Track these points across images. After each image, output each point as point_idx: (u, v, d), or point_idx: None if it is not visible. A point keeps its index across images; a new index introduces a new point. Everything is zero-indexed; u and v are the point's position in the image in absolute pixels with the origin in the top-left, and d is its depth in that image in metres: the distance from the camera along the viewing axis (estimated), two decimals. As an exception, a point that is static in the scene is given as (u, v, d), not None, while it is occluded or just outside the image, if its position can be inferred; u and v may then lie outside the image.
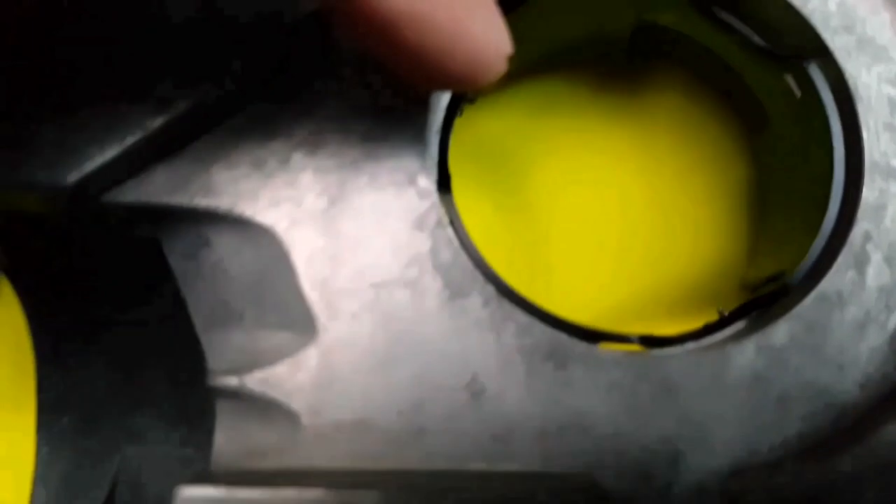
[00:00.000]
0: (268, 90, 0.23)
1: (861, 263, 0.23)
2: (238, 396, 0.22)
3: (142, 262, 0.24)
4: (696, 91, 0.30)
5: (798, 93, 0.25)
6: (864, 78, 0.24)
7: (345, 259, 0.23)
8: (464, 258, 0.23)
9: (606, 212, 0.31)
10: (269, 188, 0.23)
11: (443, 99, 0.25)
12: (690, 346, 0.23)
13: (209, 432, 0.22)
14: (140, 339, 0.25)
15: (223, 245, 0.23)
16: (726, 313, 0.29)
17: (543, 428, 0.22)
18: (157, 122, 0.22)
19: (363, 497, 0.19)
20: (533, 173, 0.31)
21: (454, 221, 0.24)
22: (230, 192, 0.23)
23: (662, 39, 0.28)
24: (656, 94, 0.30)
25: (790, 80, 0.25)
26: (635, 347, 0.23)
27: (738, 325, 0.24)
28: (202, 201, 0.23)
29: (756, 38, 0.26)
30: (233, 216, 0.23)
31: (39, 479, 0.24)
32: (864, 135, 0.23)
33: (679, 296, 0.30)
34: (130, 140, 0.22)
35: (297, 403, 0.22)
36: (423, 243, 0.23)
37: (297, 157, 0.23)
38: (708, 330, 0.24)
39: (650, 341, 0.24)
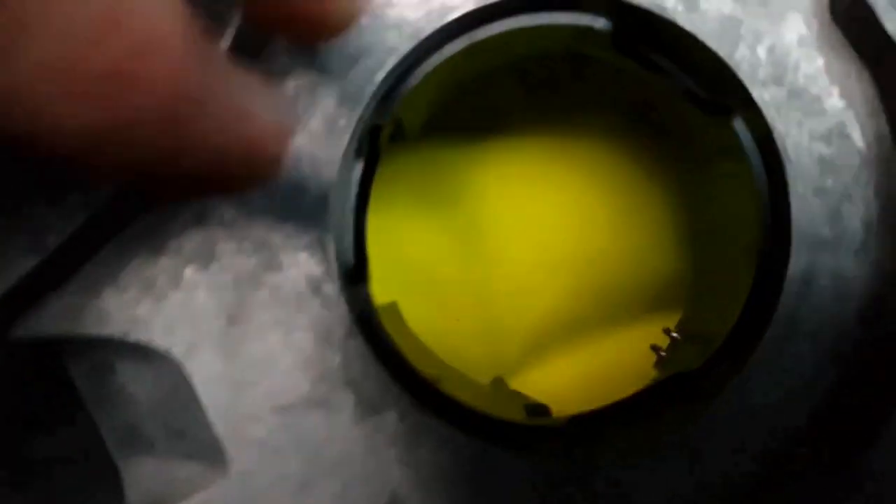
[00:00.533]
0: (148, 201, 0.22)
1: (783, 344, 0.22)
2: (155, 535, 0.22)
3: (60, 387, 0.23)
4: (637, 118, 0.28)
5: (733, 142, 0.23)
6: (794, 136, 0.22)
7: (248, 382, 0.22)
8: (377, 369, 0.22)
9: (549, 230, 0.30)
10: (162, 311, 0.22)
11: (353, 175, 0.23)
12: (616, 425, 0.23)
13: None
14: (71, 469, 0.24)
15: (125, 370, 0.22)
16: (674, 332, 0.28)
17: (465, 550, 0.22)
18: (29, 262, 0.20)
19: None
20: (477, 195, 0.30)
21: (370, 317, 0.23)
22: (121, 319, 0.22)
23: (596, 67, 0.26)
24: (598, 122, 0.29)
25: (725, 131, 0.23)
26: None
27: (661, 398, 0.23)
28: (95, 330, 0.22)
29: (689, 82, 0.24)
30: (128, 343, 0.22)
31: None
32: (792, 201, 0.22)
33: (624, 312, 0.30)
34: (3, 286, 0.20)
35: (214, 540, 0.21)
36: (332, 358, 0.22)
37: (189, 273, 0.22)
38: (630, 408, 0.23)
39: (577, 423, 0.23)
